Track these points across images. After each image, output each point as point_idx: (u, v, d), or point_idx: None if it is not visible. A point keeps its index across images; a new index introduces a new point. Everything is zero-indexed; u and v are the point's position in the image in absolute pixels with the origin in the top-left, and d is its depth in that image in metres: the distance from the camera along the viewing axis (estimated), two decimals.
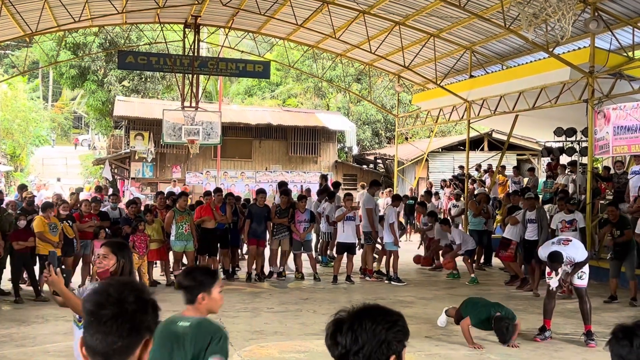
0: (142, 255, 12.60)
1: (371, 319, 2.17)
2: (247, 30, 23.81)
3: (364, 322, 2.15)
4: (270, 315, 10.62)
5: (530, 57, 18.61)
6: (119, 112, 30.60)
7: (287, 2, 18.98)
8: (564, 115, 17.18)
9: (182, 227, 13.33)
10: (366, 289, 13.29)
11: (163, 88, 38.08)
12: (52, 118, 52.72)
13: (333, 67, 31.06)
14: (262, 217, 13.97)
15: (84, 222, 12.92)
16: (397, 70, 24.36)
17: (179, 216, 13.41)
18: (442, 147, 29.51)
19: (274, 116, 32.38)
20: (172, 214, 13.47)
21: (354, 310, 2.21)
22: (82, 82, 36.55)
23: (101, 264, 4.41)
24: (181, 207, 13.55)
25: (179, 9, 20.48)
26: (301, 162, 32.07)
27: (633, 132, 13.68)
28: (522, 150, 28.29)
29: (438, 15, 18.21)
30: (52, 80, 56.21)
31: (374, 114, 37.28)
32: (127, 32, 27.53)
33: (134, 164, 29.96)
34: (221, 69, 23.20)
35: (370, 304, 2.26)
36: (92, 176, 38.77)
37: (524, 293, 12.86)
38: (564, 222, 12.33)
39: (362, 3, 18.40)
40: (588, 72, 14.53)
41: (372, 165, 35.33)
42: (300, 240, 14.17)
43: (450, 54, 21.25)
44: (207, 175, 30.46)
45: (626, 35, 15.47)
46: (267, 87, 42.96)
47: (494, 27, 17.24)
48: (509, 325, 8.29)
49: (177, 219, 13.37)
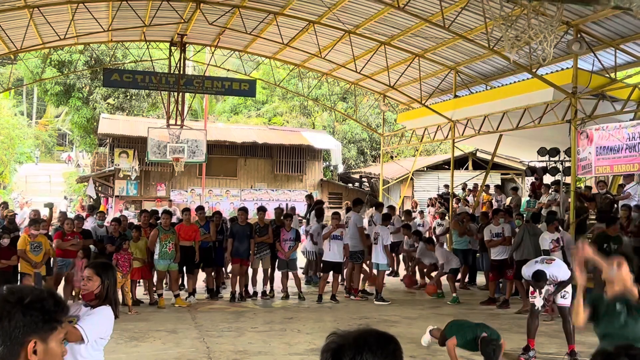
0: (125, 274, 12.49)
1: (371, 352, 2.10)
2: (233, 49, 23.87)
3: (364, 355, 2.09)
4: (255, 334, 10.56)
5: (514, 78, 18.78)
6: (103, 129, 30.47)
7: (273, 21, 19.08)
8: (548, 135, 17.33)
9: (166, 245, 13.18)
10: (351, 308, 13.25)
11: (148, 106, 38.01)
12: (36, 135, 52.43)
13: (319, 85, 31.20)
14: (245, 236, 13.89)
15: (67, 240, 12.81)
16: (382, 90, 24.48)
17: (163, 234, 13.26)
18: (427, 166, 29.64)
19: (260, 134, 32.38)
20: (156, 232, 13.32)
21: (352, 337, 2.13)
22: (67, 99, 36.41)
23: (85, 286, 4.39)
24: (165, 226, 13.40)
25: (165, 27, 20.50)
26: (287, 180, 32.06)
27: (615, 153, 13.81)
28: (506, 170, 28.46)
29: (423, 35, 18.36)
30: (37, 97, 55.97)
31: (359, 133, 37.41)
32: (112, 49, 27.51)
33: (118, 181, 29.81)
34: (207, 87, 23.19)
35: (366, 330, 2.19)
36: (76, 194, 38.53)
37: (507, 312, 12.88)
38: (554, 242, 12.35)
39: (347, 23, 18.52)
40: (571, 93, 14.68)
41: (357, 184, 35.37)
42: (286, 259, 14.14)
43: (435, 74, 21.40)
44: (192, 193, 30.36)
45: (608, 56, 15.65)
46: (253, 105, 43.01)
47: (478, 48, 17.40)
48: (495, 347, 8.29)
49: (161, 237, 13.22)
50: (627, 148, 13.53)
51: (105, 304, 4.41)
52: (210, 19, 18.60)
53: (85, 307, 4.44)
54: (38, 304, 2.20)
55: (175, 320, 11.75)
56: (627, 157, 13.56)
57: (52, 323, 2.23)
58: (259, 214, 14.45)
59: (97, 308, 4.36)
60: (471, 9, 15.30)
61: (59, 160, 56.51)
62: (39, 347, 2.18)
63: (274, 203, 28.36)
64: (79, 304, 4.57)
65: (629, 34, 14.59)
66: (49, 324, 2.21)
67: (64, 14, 18.34)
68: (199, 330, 10.82)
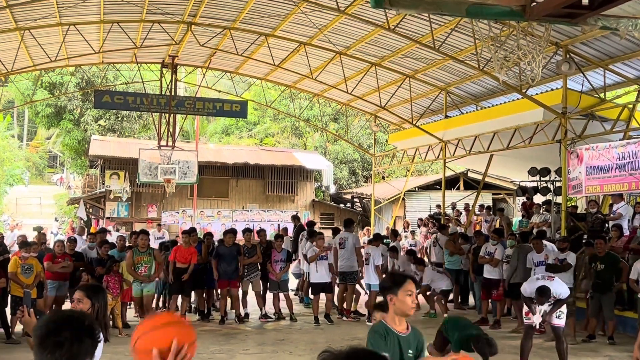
0: (115, 296, 12.38)
1: None
2: (224, 70, 23.95)
3: None
4: (246, 357, 10.48)
5: (504, 98, 18.89)
6: (94, 151, 30.42)
7: (264, 43, 19.17)
8: (538, 155, 17.40)
9: (139, 268, 12.59)
10: (343, 329, 13.17)
11: (140, 127, 38.00)
12: (27, 157, 52.25)
13: (310, 106, 31.28)
14: (232, 257, 13.75)
15: (57, 262, 12.69)
16: (373, 110, 24.57)
17: (138, 256, 12.64)
18: (419, 187, 29.67)
19: (251, 155, 32.40)
20: (131, 253, 12.75)
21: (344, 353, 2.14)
22: (58, 121, 36.38)
23: (76, 309, 4.36)
24: (141, 247, 12.79)
25: (157, 49, 20.56)
26: (278, 201, 32.03)
27: (605, 172, 13.87)
28: (497, 190, 28.53)
29: (413, 56, 18.48)
30: (28, 119, 55.87)
31: (350, 153, 37.49)
32: (104, 71, 27.53)
33: (109, 203, 29.71)
34: (198, 109, 23.22)
35: (358, 347, 2.20)
36: (67, 216, 38.33)
37: (499, 332, 12.84)
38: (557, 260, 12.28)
39: (338, 44, 18.63)
40: (561, 113, 14.77)
41: (349, 204, 35.37)
42: (277, 280, 14.06)
43: (426, 95, 21.51)
44: (184, 214, 30.27)
45: (597, 77, 15.79)
46: (245, 126, 43.06)
47: (468, 69, 17.51)
48: (488, 339, 8.11)
49: (135, 260, 12.61)
50: (616, 167, 13.59)
51: None
52: (202, 40, 18.66)
53: None
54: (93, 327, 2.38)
55: None
56: (617, 176, 13.62)
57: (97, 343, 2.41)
58: (245, 235, 14.31)
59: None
60: (461, 30, 15.43)
61: (49, 182, 56.26)
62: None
63: (266, 224, 28.34)
64: None
65: (618, 54, 14.73)
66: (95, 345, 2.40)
67: (54, 35, 18.37)
68: None
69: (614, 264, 11.87)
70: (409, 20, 15.80)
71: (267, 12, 17.27)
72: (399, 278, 4.27)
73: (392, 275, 4.61)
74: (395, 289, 4.13)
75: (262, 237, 14.97)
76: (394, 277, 4.36)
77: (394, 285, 4.16)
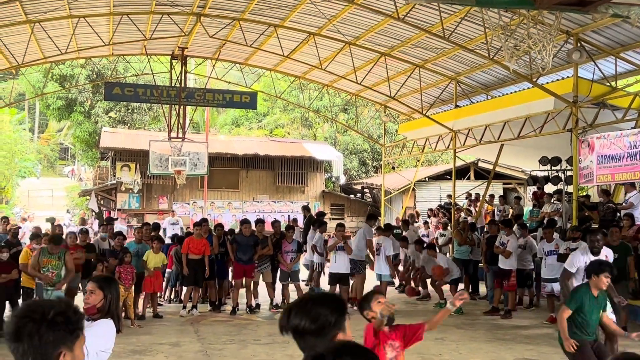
0: (127, 287, 12.46)
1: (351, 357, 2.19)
2: (234, 61, 23.94)
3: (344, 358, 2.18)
4: (258, 347, 10.53)
5: (514, 87, 18.80)
6: (105, 143, 30.52)
7: (273, 34, 19.14)
8: (549, 144, 17.33)
9: (45, 272, 11.00)
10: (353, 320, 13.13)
11: (150, 119, 38.08)
12: (38, 150, 52.52)
13: (320, 97, 31.24)
14: (248, 246, 13.86)
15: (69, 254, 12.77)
16: (383, 101, 24.52)
17: (45, 258, 11.05)
18: (429, 177, 29.62)
19: (261, 146, 32.42)
20: (38, 253, 11.22)
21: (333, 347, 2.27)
22: (69, 113, 36.49)
23: (88, 300, 4.39)
24: (52, 249, 11.12)
25: (166, 40, 20.58)
26: (288, 192, 32.06)
27: (617, 161, 13.79)
28: (508, 179, 28.43)
29: (423, 46, 18.41)
30: (39, 111, 56.13)
31: (360, 144, 37.44)
32: (114, 63, 27.59)
33: (120, 195, 29.83)
34: (208, 100, 23.24)
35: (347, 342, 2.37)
36: (78, 208, 38.55)
37: (511, 323, 12.84)
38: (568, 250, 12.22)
39: (347, 35, 18.58)
40: (572, 102, 14.70)
41: (359, 195, 35.35)
42: (288, 271, 14.11)
43: (436, 84, 21.44)
44: (194, 205, 30.36)
45: (609, 65, 15.68)
46: (254, 117, 43.07)
47: (478, 58, 17.44)
48: None
49: (43, 261, 11.03)
50: (628, 156, 13.52)
51: (107, 317, 4.40)
52: (211, 32, 18.67)
53: (87, 321, 4.44)
54: (61, 317, 2.28)
55: (178, 333, 11.73)
56: (629, 165, 13.55)
57: (76, 331, 2.34)
58: (257, 226, 14.40)
59: (98, 321, 4.35)
60: (471, 19, 15.35)
61: (61, 175, 56.57)
62: (67, 357, 2.30)
63: (276, 215, 28.38)
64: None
65: (629, 42, 14.63)
66: (74, 333, 2.32)
67: (64, 28, 18.42)
68: (201, 343, 10.79)
69: (627, 253, 11.81)
70: (418, 9, 15.73)
71: (276, 2, 17.24)
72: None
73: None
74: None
75: (277, 228, 15.03)
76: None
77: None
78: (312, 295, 2.82)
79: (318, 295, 2.77)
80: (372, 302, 4.69)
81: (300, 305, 2.65)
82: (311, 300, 2.69)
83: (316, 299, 2.69)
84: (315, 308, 2.61)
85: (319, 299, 2.70)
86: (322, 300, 2.70)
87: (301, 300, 2.73)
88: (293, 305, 2.68)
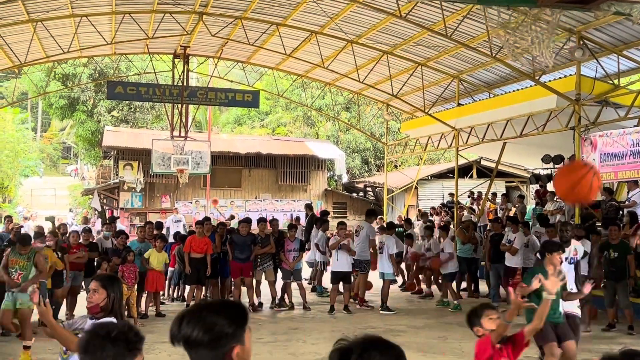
0: (130, 286, 12.47)
1: (378, 351, 2.19)
2: (236, 60, 23.94)
3: (372, 354, 2.18)
4: (260, 345, 10.53)
5: (517, 85, 18.78)
6: (108, 142, 30.57)
7: (275, 32, 19.14)
8: (552, 142, 17.30)
9: (12, 273, 10.10)
10: (356, 318, 13.20)
11: (152, 118, 38.12)
12: (41, 149, 52.58)
13: (322, 95, 31.23)
14: (245, 246, 13.86)
15: (72, 253, 12.79)
16: (385, 99, 24.50)
17: (12, 258, 10.22)
18: (431, 175, 29.62)
19: (264, 145, 32.43)
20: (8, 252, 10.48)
21: (360, 340, 2.24)
22: (72, 112, 36.55)
23: (91, 299, 4.40)
24: (21, 249, 10.27)
25: (168, 39, 20.59)
26: (291, 190, 32.07)
27: (620, 159, 13.78)
28: (510, 178, 28.41)
29: (425, 44, 18.39)
30: (41, 110, 56.19)
31: (363, 142, 37.44)
32: (116, 62, 27.61)
33: (122, 194, 29.86)
34: (210, 99, 23.25)
35: (371, 336, 2.28)
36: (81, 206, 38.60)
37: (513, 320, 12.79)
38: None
39: (349, 33, 18.57)
40: (574, 100, 14.68)
41: (361, 193, 35.36)
42: (290, 270, 14.11)
43: (438, 83, 21.41)
44: (197, 204, 30.38)
45: (611, 63, 15.65)
46: (257, 116, 43.09)
47: (481, 56, 17.42)
48: None
49: (11, 261, 10.20)
50: (631, 154, 13.51)
51: (110, 316, 4.41)
52: (213, 30, 18.67)
53: (90, 319, 4.46)
54: (122, 336, 2.55)
55: None
56: (631, 163, 13.54)
57: (134, 351, 2.58)
58: (259, 225, 14.40)
59: (101, 320, 4.36)
60: (473, 17, 15.32)
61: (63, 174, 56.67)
62: None
63: (279, 213, 28.39)
64: (86, 317, 4.58)
65: (632, 40, 14.59)
66: (132, 352, 2.57)
67: (67, 27, 18.43)
68: None
69: (627, 252, 11.78)
70: (420, 7, 15.71)
71: (278, 1, 17.22)
72: None
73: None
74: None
75: (274, 226, 15.03)
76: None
77: None
78: (210, 301, 2.49)
79: (216, 302, 2.45)
80: (482, 319, 4.46)
81: (194, 313, 2.36)
82: (207, 307, 2.37)
83: (213, 306, 2.38)
84: (211, 316, 2.32)
85: (216, 307, 2.38)
86: (220, 308, 2.38)
87: (196, 306, 2.42)
88: (186, 312, 2.38)
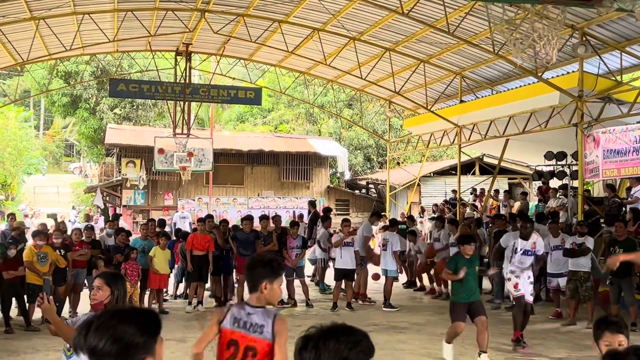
0: (133, 284, 12.48)
1: (335, 338, 2.24)
2: (238, 57, 23.94)
3: (328, 341, 2.23)
4: None
5: (519, 82, 18.75)
6: (110, 139, 30.59)
7: (277, 29, 19.13)
8: (554, 139, 17.28)
9: None
10: (359, 315, 13.19)
11: (155, 115, 38.13)
12: (44, 146, 52.60)
13: (324, 93, 31.22)
14: (249, 243, 13.87)
15: (75, 250, 12.80)
16: (388, 96, 24.49)
17: None
18: (434, 172, 29.58)
19: (266, 142, 32.43)
20: None
21: (321, 329, 2.31)
22: (74, 110, 36.58)
23: (95, 296, 4.40)
24: None
25: (171, 37, 20.60)
26: (293, 187, 32.07)
27: (622, 156, 13.75)
28: (513, 174, 28.38)
29: (427, 41, 18.37)
30: (44, 108, 56.22)
31: (365, 139, 37.42)
32: (118, 60, 27.63)
33: (125, 191, 29.88)
34: (213, 96, 23.24)
35: (337, 324, 2.33)
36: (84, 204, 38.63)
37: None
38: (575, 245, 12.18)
39: (352, 30, 18.55)
40: (577, 97, 14.65)
41: (364, 190, 35.34)
42: (293, 267, 14.10)
43: (440, 79, 21.40)
44: (199, 202, 30.40)
45: (614, 59, 15.63)
46: (259, 113, 43.08)
47: (483, 53, 17.40)
48: None
49: None
50: (633, 151, 13.48)
51: None
52: (215, 27, 18.67)
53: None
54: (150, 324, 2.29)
55: (183, 329, 11.75)
56: (634, 159, 13.51)
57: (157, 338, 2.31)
58: (261, 222, 14.41)
59: None
60: (476, 13, 15.31)
61: (66, 171, 56.67)
62: None
63: (281, 210, 28.39)
64: (90, 315, 4.58)
65: (635, 36, 14.57)
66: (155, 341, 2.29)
67: (69, 25, 18.45)
68: None
69: (633, 248, 11.72)
70: (422, 4, 15.70)
71: None
72: None
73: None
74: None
75: (277, 223, 15.02)
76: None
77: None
78: (121, 308, 2.36)
79: (128, 310, 2.31)
80: (600, 340, 4.03)
81: (101, 321, 2.20)
82: (117, 315, 2.23)
83: (123, 314, 2.24)
84: (120, 325, 2.18)
85: (127, 315, 2.24)
86: (131, 316, 2.24)
87: (104, 313, 2.26)
88: (94, 320, 2.23)
